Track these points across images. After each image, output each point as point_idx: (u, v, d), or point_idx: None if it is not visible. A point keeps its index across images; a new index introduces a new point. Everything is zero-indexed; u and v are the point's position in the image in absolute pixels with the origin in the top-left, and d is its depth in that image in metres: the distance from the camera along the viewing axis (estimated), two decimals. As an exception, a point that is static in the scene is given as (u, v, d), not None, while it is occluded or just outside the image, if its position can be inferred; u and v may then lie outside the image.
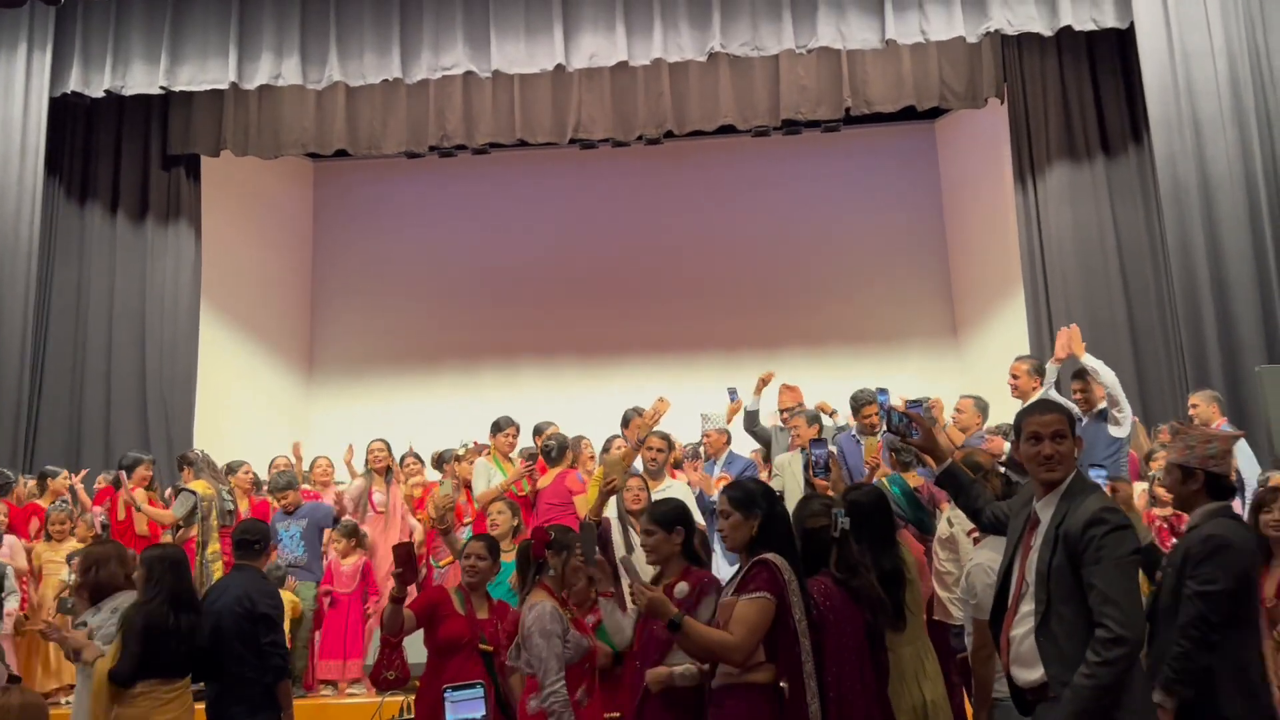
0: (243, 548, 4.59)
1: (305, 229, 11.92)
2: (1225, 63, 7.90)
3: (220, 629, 4.32)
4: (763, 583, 3.15)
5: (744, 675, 3.15)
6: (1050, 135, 9.21)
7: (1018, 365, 6.47)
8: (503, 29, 8.44)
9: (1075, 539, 2.74)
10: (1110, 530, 2.71)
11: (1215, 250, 7.80)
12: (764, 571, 3.18)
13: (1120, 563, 2.69)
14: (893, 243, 11.38)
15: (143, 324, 9.50)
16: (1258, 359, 7.44)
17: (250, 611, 4.37)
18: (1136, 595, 2.70)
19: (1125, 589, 2.67)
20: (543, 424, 7.57)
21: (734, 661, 3.12)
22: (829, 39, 8.25)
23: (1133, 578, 2.70)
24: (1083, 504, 2.79)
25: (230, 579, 4.56)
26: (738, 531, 3.29)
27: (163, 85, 8.64)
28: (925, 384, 9.88)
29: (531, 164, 11.56)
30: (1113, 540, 2.70)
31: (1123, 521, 2.72)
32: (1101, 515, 2.74)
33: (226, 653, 4.31)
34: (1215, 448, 3.32)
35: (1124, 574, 2.69)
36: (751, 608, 3.12)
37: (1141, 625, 2.68)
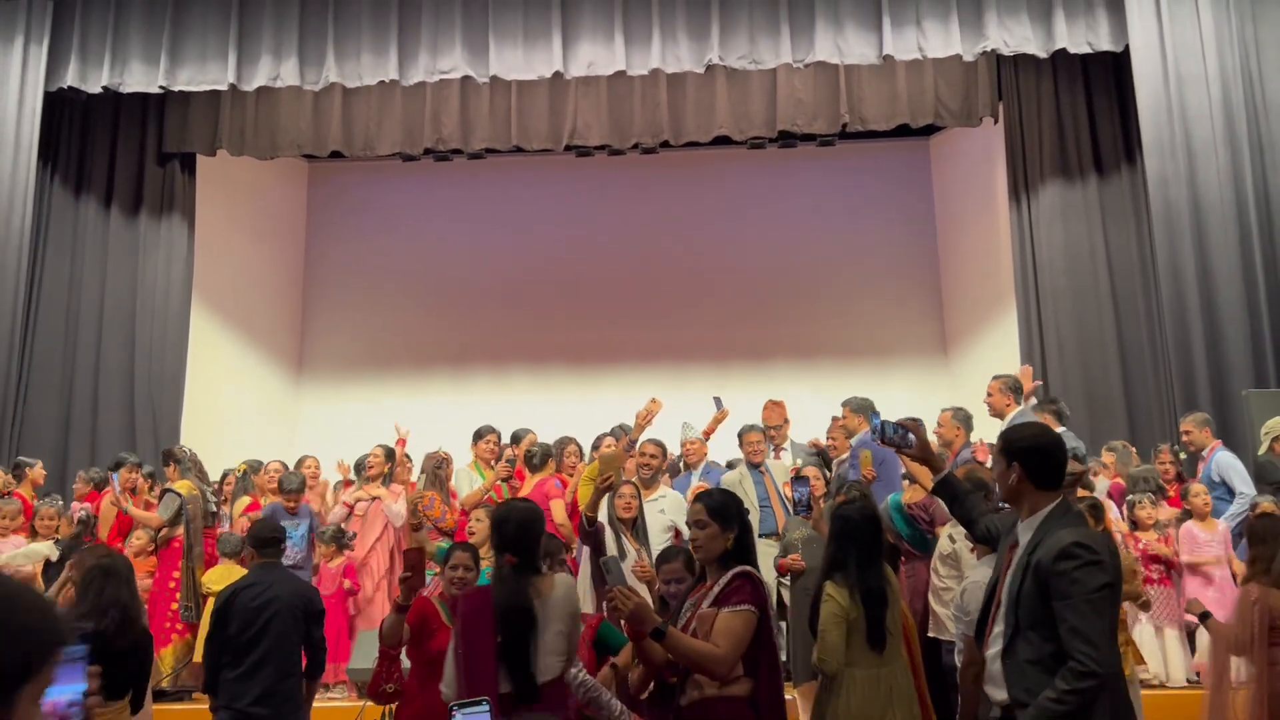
0: (270, 545, 4.60)
1: (298, 229, 11.89)
2: (1219, 88, 7.97)
3: (275, 625, 4.31)
4: (746, 595, 3.15)
5: (723, 689, 3.12)
6: (1044, 155, 9.27)
7: (992, 383, 6.51)
8: (501, 35, 8.45)
9: (1046, 569, 2.74)
10: (1082, 565, 2.71)
11: (1205, 273, 7.87)
12: (747, 584, 3.18)
13: (1092, 598, 2.69)
14: (885, 258, 11.42)
15: (133, 320, 9.46)
16: (1245, 382, 7.50)
17: (308, 608, 4.45)
18: (1107, 630, 2.70)
19: (1096, 624, 2.67)
20: (520, 431, 7.57)
21: (718, 675, 3.10)
22: (826, 54, 8.29)
23: (1103, 613, 2.70)
24: (1057, 533, 2.79)
25: (267, 574, 4.49)
26: (714, 543, 3.26)
27: (162, 85, 8.62)
28: (915, 399, 9.93)
29: (526, 170, 11.56)
30: (1085, 574, 2.70)
31: (1095, 557, 2.71)
32: (1073, 549, 2.74)
33: (281, 648, 4.32)
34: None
35: (1095, 609, 2.69)
36: (736, 620, 3.11)
37: (1113, 660, 2.69)
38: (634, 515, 5.47)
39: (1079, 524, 2.87)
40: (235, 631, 4.31)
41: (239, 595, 4.40)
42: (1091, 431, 8.47)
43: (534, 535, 3.35)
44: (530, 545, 3.32)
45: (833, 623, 3.67)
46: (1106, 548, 2.79)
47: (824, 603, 3.73)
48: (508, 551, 3.31)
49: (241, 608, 4.33)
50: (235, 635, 4.31)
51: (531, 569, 3.30)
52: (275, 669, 4.31)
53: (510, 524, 3.35)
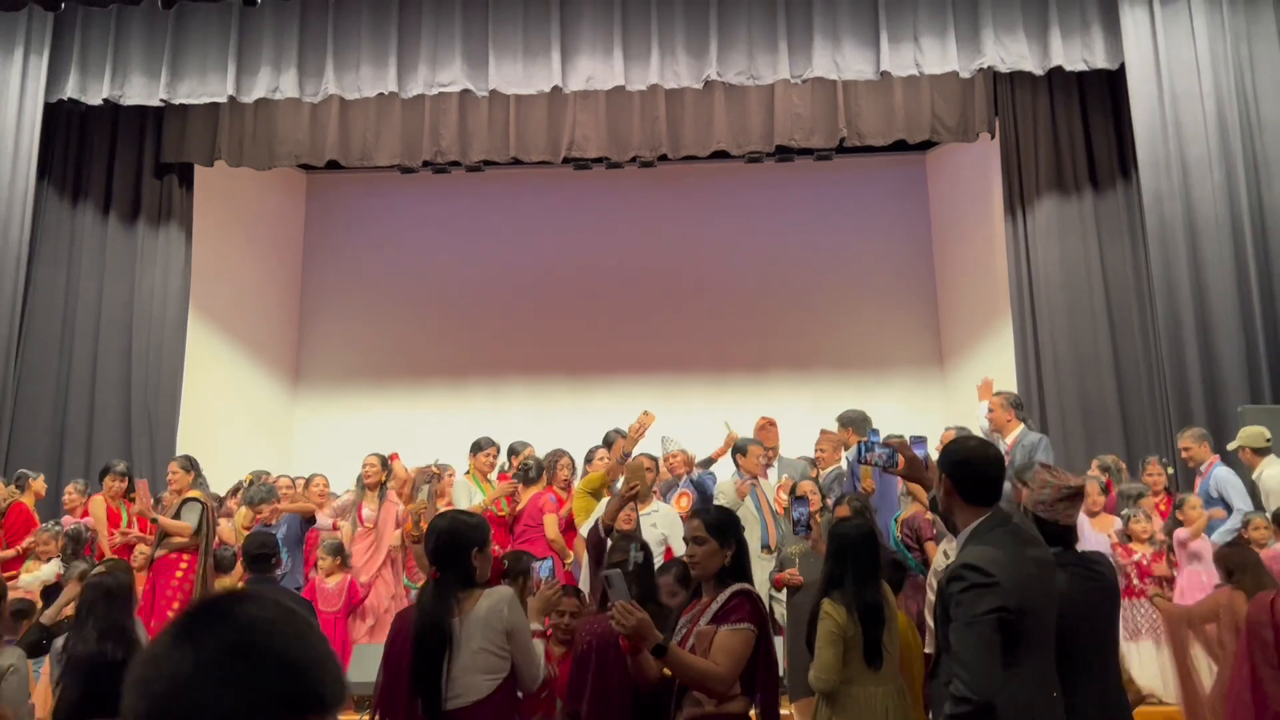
0: (261, 561, 4.61)
1: (296, 240, 11.91)
2: (1214, 105, 8.02)
3: None
4: (745, 614, 3.14)
5: (720, 707, 3.11)
6: (1040, 171, 9.31)
7: (994, 399, 6.54)
8: (501, 49, 8.48)
9: (943, 590, 2.72)
10: (967, 588, 2.66)
11: (1200, 289, 7.91)
12: (746, 602, 3.18)
13: (974, 622, 2.62)
14: (881, 271, 11.46)
15: (129, 331, 9.45)
16: (1240, 398, 7.53)
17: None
18: (986, 655, 2.61)
19: (974, 650, 2.60)
20: (518, 444, 7.58)
21: (717, 692, 3.09)
22: (824, 69, 8.33)
23: (984, 637, 2.61)
24: (964, 552, 2.76)
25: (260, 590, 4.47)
26: (712, 559, 3.24)
27: (162, 98, 8.63)
28: (910, 412, 9.97)
29: (524, 183, 11.59)
30: (969, 598, 2.64)
31: (982, 580, 2.64)
32: (961, 571, 2.70)
33: None
34: (1047, 494, 3.26)
35: (976, 634, 2.61)
36: (736, 638, 3.10)
37: (990, 685, 2.58)
38: (632, 528, 5.48)
39: (1007, 540, 2.78)
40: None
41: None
42: (1087, 446, 8.50)
43: (460, 548, 3.21)
44: (456, 559, 3.19)
45: (828, 641, 3.68)
46: (1017, 567, 2.69)
47: (821, 620, 3.74)
48: (434, 565, 3.24)
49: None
50: None
51: (457, 584, 3.18)
52: None
53: (436, 535, 3.27)
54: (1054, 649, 2.85)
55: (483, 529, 3.29)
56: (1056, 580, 2.89)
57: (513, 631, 3.16)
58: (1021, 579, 2.71)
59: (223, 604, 1.05)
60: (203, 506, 6.53)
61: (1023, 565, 2.74)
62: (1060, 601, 3.00)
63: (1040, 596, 2.75)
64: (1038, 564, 2.80)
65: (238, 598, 1.06)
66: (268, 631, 1.02)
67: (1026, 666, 2.69)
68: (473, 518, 3.44)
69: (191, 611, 1.05)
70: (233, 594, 1.07)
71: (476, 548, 3.19)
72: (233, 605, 1.05)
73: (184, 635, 1.02)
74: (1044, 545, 2.93)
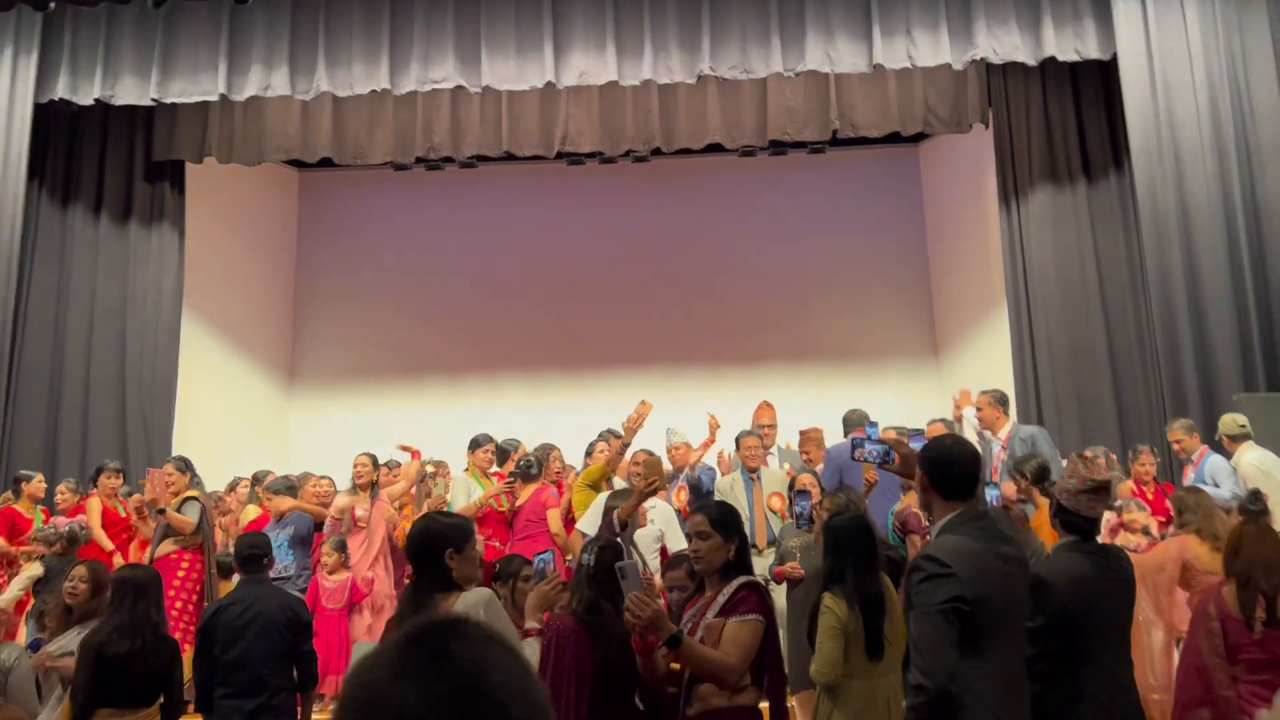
0: (253, 562, 4.60)
1: (289, 238, 11.88)
2: (1206, 95, 8.04)
3: (261, 641, 4.31)
4: (754, 605, 3.17)
5: (731, 700, 3.12)
6: (1033, 161, 9.32)
7: (981, 398, 6.56)
8: (494, 45, 8.45)
9: (906, 581, 2.82)
10: (925, 578, 2.75)
11: (1193, 278, 7.93)
12: (753, 594, 3.20)
13: (930, 612, 2.71)
14: (876, 263, 11.47)
15: (123, 331, 9.43)
16: (1234, 386, 7.56)
17: (293, 621, 4.44)
18: (942, 644, 2.69)
19: (931, 638, 2.69)
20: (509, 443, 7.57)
21: (729, 683, 3.10)
22: (817, 63, 8.32)
23: (940, 627, 2.69)
24: (927, 545, 2.87)
25: (252, 591, 4.52)
26: (716, 554, 3.26)
27: (154, 98, 8.59)
28: (905, 404, 9.99)
29: (518, 178, 11.58)
30: (927, 589, 2.74)
31: (938, 570, 2.73)
32: (920, 562, 2.80)
33: (269, 664, 4.32)
34: (1073, 484, 3.32)
35: (932, 623, 2.70)
36: (745, 629, 3.13)
37: (945, 673, 2.67)
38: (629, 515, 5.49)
39: (974, 535, 2.85)
40: (220, 650, 4.31)
41: (222, 613, 4.42)
42: (1082, 435, 8.52)
43: (435, 550, 3.10)
44: (431, 561, 3.10)
45: (829, 635, 3.68)
46: (978, 560, 2.76)
47: (822, 615, 3.74)
48: (412, 568, 3.21)
49: (225, 625, 4.34)
50: (221, 654, 4.32)
51: (434, 587, 3.09)
52: (266, 686, 4.33)
53: (411, 538, 3.21)
54: (1023, 644, 2.93)
55: (461, 530, 3.18)
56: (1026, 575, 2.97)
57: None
58: (981, 571, 2.78)
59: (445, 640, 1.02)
60: (202, 506, 6.53)
61: (985, 559, 2.82)
62: (1077, 590, 3.14)
63: (1003, 591, 2.82)
64: (1005, 560, 2.87)
65: (456, 631, 1.04)
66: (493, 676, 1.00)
67: (989, 658, 2.76)
68: (452, 519, 3.39)
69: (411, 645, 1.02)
70: (451, 626, 1.04)
71: (452, 549, 3.08)
72: (454, 642, 1.02)
73: (408, 672, 0.99)
74: (1017, 543, 3.00)
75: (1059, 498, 3.40)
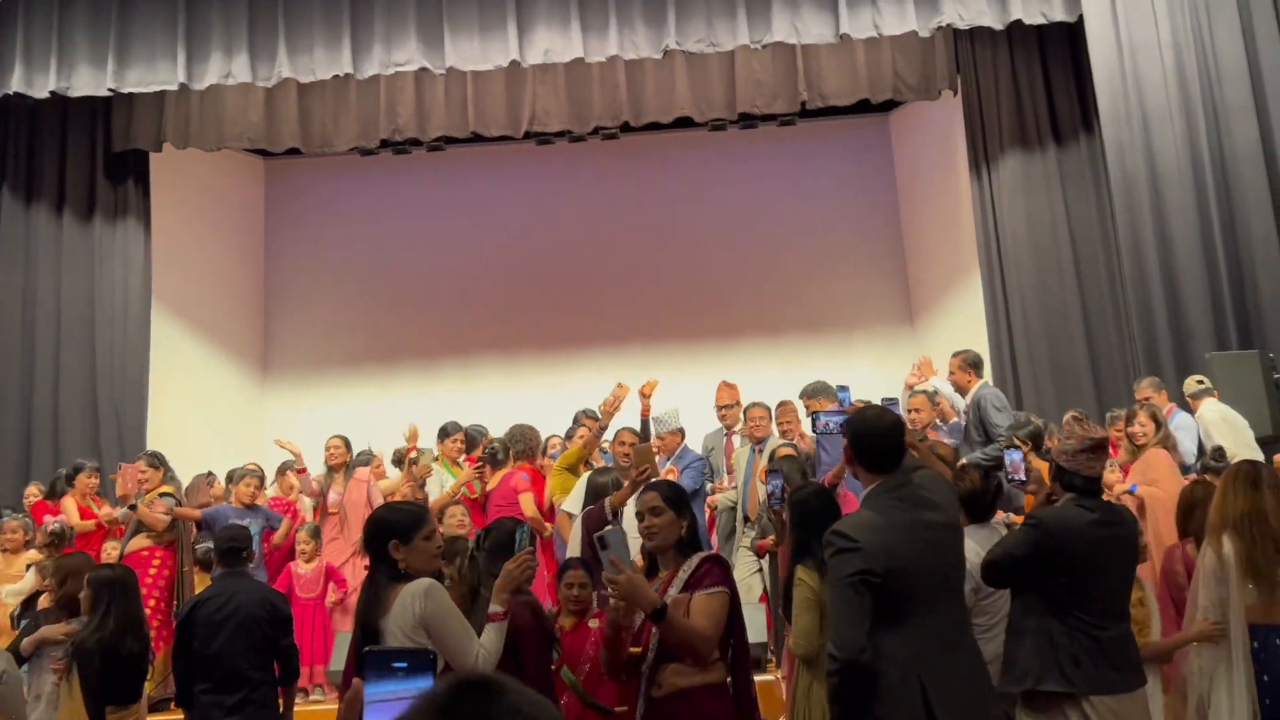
0: (231, 554, 4.58)
1: (257, 228, 11.74)
2: (1172, 55, 8.03)
3: (240, 636, 4.29)
4: (718, 578, 3.17)
5: (704, 676, 3.09)
6: (1003, 127, 9.32)
7: (952, 360, 6.57)
8: (456, 25, 8.34)
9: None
10: (835, 553, 2.83)
11: (1164, 239, 7.95)
12: (716, 568, 3.21)
13: (838, 584, 2.80)
14: (849, 234, 11.46)
15: (92, 328, 9.31)
16: (1207, 345, 7.59)
17: (274, 615, 4.43)
18: (849, 615, 2.75)
19: (839, 610, 2.78)
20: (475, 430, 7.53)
21: (704, 655, 3.08)
22: (783, 34, 8.25)
23: (847, 599, 2.76)
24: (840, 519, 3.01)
25: (231, 584, 4.50)
26: (670, 530, 3.24)
27: (111, 88, 8.42)
28: (882, 373, 10.00)
29: (487, 160, 11.47)
30: (835, 563, 2.82)
31: (845, 545, 2.79)
32: (829, 537, 2.88)
33: (250, 659, 4.31)
34: (1070, 444, 3.40)
35: (840, 595, 2.79)
36: (714, 601, 3.12)
37: (854, 644, 2.72)
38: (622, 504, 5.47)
39: (890, 505, 2.90)
40: (199, 645, 4.29)
41: (201, 608, 4.39)
42: (1058, 399, 8.57)
43: (382, 541, 3.06)
44: (379, 553, 3.07)
45: (805, 607, 3.69)
46: (889, 531, 2.81)
47: (796, 587, 3.75)
48: (369, 558, 3.17)
49: (204, 620, 4.32)
50: (200, 649, 4.29)
51: (384, 579, 3.05)
52: (247, 680, 4.31)
53: (365, 528, 3.19)
54: (959, 606, 3.01)
55: (411, 518, 3.13)
56: (956, 540, 3.04)
57: (429, 623, 2.95)
58: (892, 542, 2.82)
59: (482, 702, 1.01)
60: (176, 502, 6.46)
61: (898, 529, 2.86)
62: (1077, 547, 3.21)
63: (924, 558, 2.86)
64: (929, 527, 2.91)
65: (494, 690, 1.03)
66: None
67: (913, 626, 2.81)
68: (404, 506, 3.36)
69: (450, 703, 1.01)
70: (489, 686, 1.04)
71: (397, 539, 3.03)
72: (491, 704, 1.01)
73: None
74: (943, 508, 3.02)
75: (1058, 459, 3.46)
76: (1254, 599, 3.59)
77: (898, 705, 2.76)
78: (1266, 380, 6.73)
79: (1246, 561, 3.60)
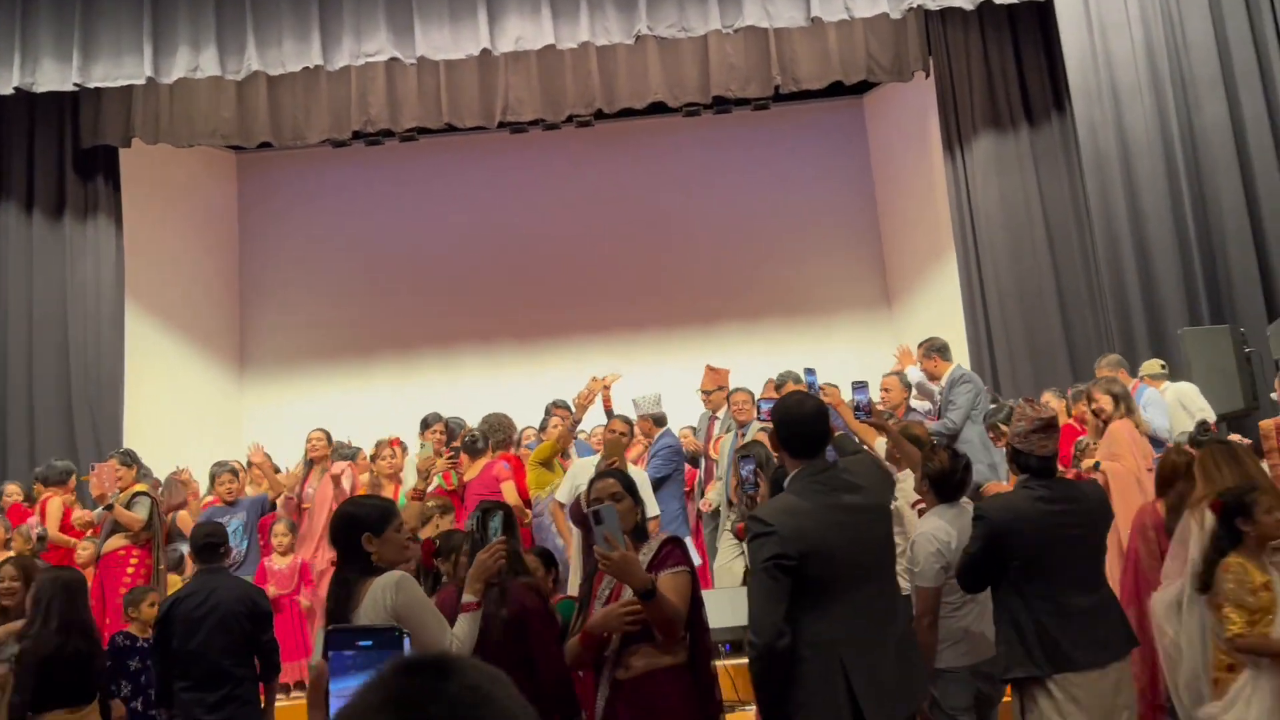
0: (208, 551, 4.54)
1: (230, 223, 11.64)
2: (1141, 31, 8.07)
3: (220, 632, 4.28)
4: (679, 558, 3.20)
5: (670, 658, 3.10)
6: (976, 107, 9.34)
7: (919, 349, 6.58)
8: (426, 14, 8.26)
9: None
10: (752, 538, 2.87)
11: (1136, 216, 8.00)
12: (677, 549, 3.24)
13: (757, 570, 2.83)
14: (825, 217, 11.48)
15: (65, 326, 9.20)
16: (1180, 320, 7.66)
17: (253, 610, 4.41)
18: (765, 600, 2.79)
19: (756, 596, 2.82)
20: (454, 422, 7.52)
21: (678, 632, 3.11)
22: (755, 18, 8.22)
23: (763, 585, 2.80)
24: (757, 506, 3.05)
25: (209, 581, 4.47)
26: (629, 516, 3.26)
27: (76, 82, 8.30)
28: (861, 356, 10.04)
29: (460, 149, 11.41)
30: (753, 548, 2.86)
31: (761, 530, 2.83)
32: (749, 523, 2.92)
33: (230, 655, 4.30)
34: (1022, 426, 3.46)
35: (757, 580, 2.83)
36: (680, 580, 3.14)
37: (771, 629, 2.75)
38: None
39: (810, 490, 2.93)
40: (179, 643, 4.27)
41: (179, 605, 4.37)
42: (1035, 377, 8.63)
43: (352, 534, 3.02)
44: (349, 546, 3.03)
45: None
46: (805, 516, 2.83)
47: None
48: (337, 552, 3.11)
49: (183, 618, 4.30)
50: (180, 647, 4.27)
51: (356, 572, 3.01)
52: (228, 678, 4.30)
53: (332, 522, 3.14)
54: (887, 587, 3.02)
55: (380, 511, 3.11)
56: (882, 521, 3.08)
57: (401, 614, 2.92)
58: (809, 526, 2.84)
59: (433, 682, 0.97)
60: (151, 500, 6.41)
61: (816, 514, 2.88)
62: (1025, 528, 3.29)
63: (845, 541, 2.88)
64: (849, 510, 2.93)
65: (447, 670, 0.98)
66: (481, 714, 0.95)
67: (835, 608, 2.84)
68: (370, 500, 3.36)
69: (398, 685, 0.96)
70: (441, 665, 0.98)
71: (369, 532, 3.00)
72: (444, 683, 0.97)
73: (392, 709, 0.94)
74: (868, 491, 3.04)
75: (1013, 443, 3.52)
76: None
77: (819, 690, 2.78)
78: (1238, 354, 6.79)
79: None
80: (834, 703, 2.76)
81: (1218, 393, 6.65)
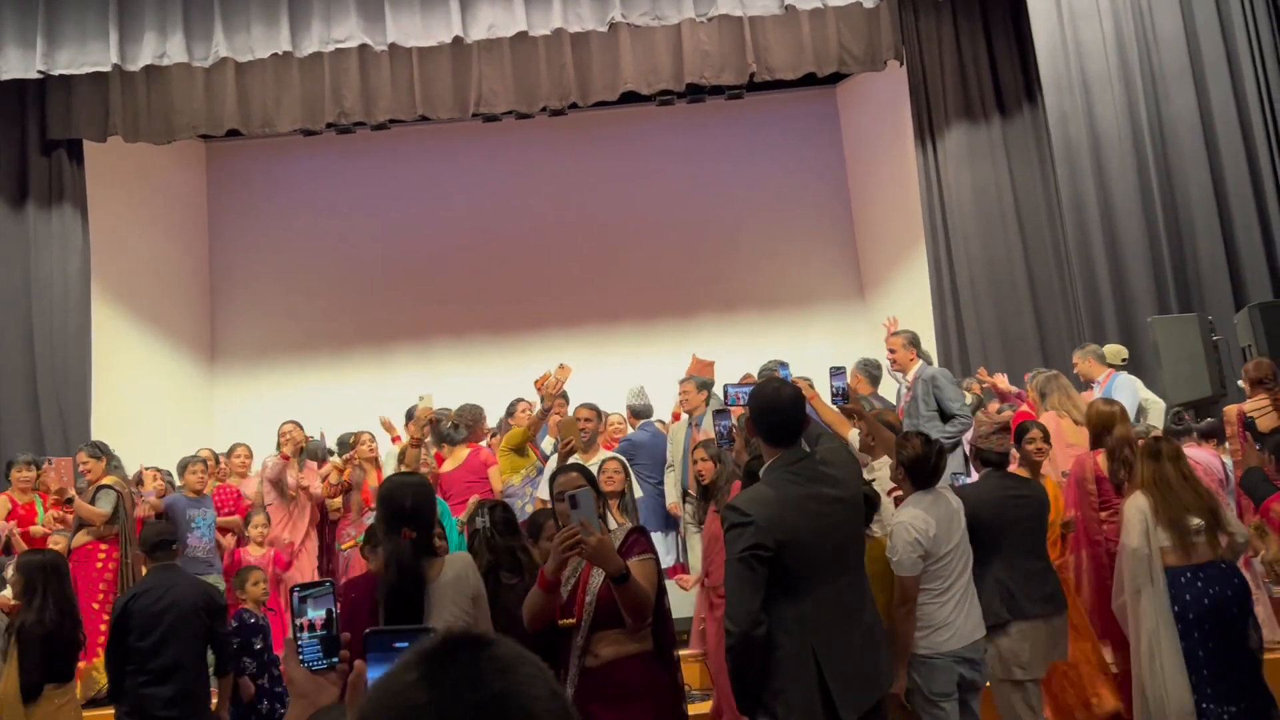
0: (160, 548, 4.58)
1: (199, 212, 11.50)
2: (1111, 22, 8.14)
3: (179, 627, 4.33)
4: (645, 546, 3.24)
5: (637, 645, 3.15)
6: (948, 97, 9.39)
7: (894, 340, 6.60)
8: (397, 0, 8.19)
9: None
10: (730, 528, 2.90)
11: (1107, 206, 8.08)
12: (642, 538, 3.29)
13: (732, 561, 2.85)
14: (799, 207, 11.50)
15: (29, 318, 9.03)
16: (1149, 309, 7.74)
17: (210, 605, 4.50)
18: (742, 590, 2.82)
19: (733, 585, 2.84)
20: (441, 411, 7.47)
21: (648, 617, 3.15)
22: (728, 6, 8.21)
23: (740, 574, 2.83)
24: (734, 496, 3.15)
25: (165, 577, 4.52)
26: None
27: (40, 69, 8.14)
28: (836, 346, 10.06)
29: (434, 140, 11.33)
30: (731, 538, 2.88)
31: (739, 519, 2.86)
32: (725, 513, 2.95)
33: (189, 649, 4.37)
34: (984, 429, 4.38)
35: (734, 571, 2.85)
36: (648, 566, 3.19)
37: (747, 618, 2.78)
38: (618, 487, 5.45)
39: (785, 480, 2.96)
40: (136, 638, 4.32)
41: (136, 600, 4.41)
42: (1007, 367, 8.66)
43: (431, 510, 3.13)
44: (427, 521, 3.09)
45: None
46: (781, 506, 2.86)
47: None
48: (406, 526, 3.01)
49: (140, 613, 4.35)
50: (136, 642, 4.32)
51: (428, 549, 3.06)
52: (184, 673, 4.38)
53: (406, 496, 3.05)
54: (857, 577, 3.07)
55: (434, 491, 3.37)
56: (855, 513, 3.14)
57: (478, 596, 3.09)
58: (785, 517, 2.87)
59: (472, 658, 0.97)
60: (117, 494, 6.32)
61: (792, 504, 2.91)
62: (989, 510, 4.07)
63: (819, 531, 2.91)
64: (825, 500, 2.97)
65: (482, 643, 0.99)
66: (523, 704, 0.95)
67: (809, 597, 2.88)
68: (425, 479, 3.45)
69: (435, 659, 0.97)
70: (477, 639, 0.99)
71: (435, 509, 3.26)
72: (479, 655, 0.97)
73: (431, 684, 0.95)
74: (843, 483, 3.08)
75: (975, 443, 4.39)
76: (1167, 544, 4.23)
77: (794, 677, 2.82)
78: (1205, 342, 6.87)
79: (1156, 516, 4.25)
80: (807, 688, 2.81)
81: (1186, 380, 6.72)
